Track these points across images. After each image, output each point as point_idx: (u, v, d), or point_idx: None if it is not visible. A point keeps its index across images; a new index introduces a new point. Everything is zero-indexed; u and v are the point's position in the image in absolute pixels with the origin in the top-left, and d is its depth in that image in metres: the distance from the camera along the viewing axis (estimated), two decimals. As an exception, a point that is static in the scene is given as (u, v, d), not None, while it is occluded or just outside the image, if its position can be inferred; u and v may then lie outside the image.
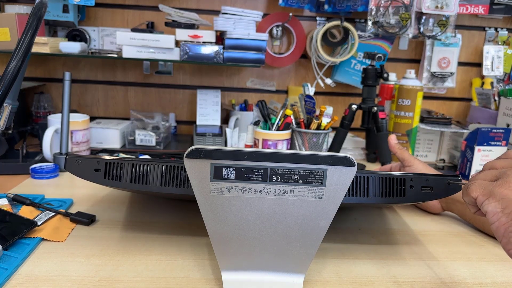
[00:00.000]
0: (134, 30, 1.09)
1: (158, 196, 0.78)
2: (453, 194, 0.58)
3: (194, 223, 0.70)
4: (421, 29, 1.21)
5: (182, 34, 1.07)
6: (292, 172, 0.46)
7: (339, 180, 0.46)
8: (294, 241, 0.49)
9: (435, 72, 1.32)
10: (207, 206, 0.47)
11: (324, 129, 1.00)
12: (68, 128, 0.92)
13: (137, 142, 1.14)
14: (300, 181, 0.46)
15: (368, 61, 1.11)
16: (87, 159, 0.55)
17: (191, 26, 1.07)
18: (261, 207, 0.47)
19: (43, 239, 0.61)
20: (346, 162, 0.45)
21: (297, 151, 0.46)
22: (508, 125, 1.06)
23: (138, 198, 0.80)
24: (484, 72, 1.33)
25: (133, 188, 0.55)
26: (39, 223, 0.64)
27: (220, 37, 1.13)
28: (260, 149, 0.46)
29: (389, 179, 0.57)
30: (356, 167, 0.45)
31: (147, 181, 0.55)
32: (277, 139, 1.00)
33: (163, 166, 0.55)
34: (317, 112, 1.00)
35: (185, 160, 0.45)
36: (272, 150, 0.46)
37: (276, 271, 0.52)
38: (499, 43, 1.34)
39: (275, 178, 0.46)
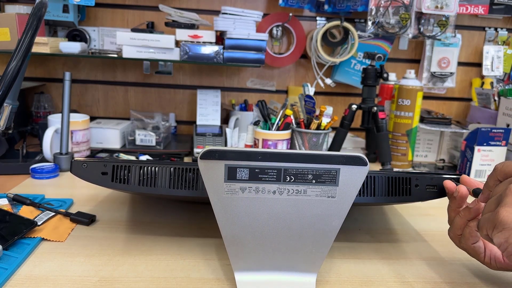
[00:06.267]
0: (134, 30, 1.09)
1: (166, 199, 0.78)
2: None
3: (195, 224, 0.70)
4: (421, 29, 1.21)
5: (182, 34, 1.07)
6: (306, 172, 0.46)
7: (352, 179, 0.47)
8: (307, 241, 0.50)
9: (435, 72, 1.32)
10: (220, 207, 0.48)
11: (324, 129, 1.01)
12: (68, 128, 0.92)
13: (137, 142, 1.14)
14: (313, 181, 0.47)
15: (368, 61, 1.11)
16: (94, 162, 0.55)
17: (191, 26, 1.07)
18: (274, 207, 0.48)
19: (43, 239, 0.61)
20: (359, 161, 0.46)
21: (311, 151, 0.46)
22: (508, 125, 1.06)
23: (139, 198, 0.80)
24: (484, 72, 1.33)
25: (141, 191, 0.55)
26: (39, 223, 0.64)
27: (220, 37, 1.13)
28: (274, 150, 0.47)
29: (395, 179, 0.58)
30: (368, 166, 0.46)
31: (155, 183, 0.55)
32: (277, 139, 1.00)
33: (172, 168, 0.55)
34: (317, 112, 1.00)
35: (199, 161, 0.45)
36: (285, 150, 0.46)
37: (289, 271, 0.52)
38: (499, 43, 1.34)
39: (288, 178, 0.47)
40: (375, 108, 1.05)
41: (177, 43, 1.09)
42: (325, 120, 1.01)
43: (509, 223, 0.41)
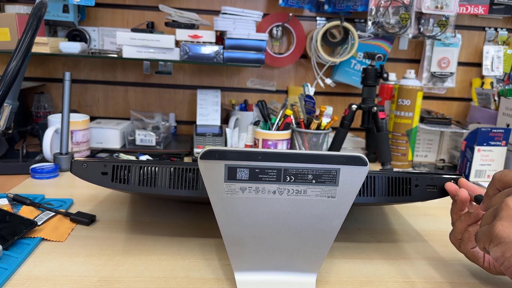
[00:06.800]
0: (134, 30, 1.09)
1: (166, 199, 0.78)
2: None
3: (195, 224, 0.70)
4: (421, 29, 1.21)
5: (182, 34, 1.07)
6: (306, 172, 0.46)
7: (352, 179, 0.47)
8: (307, 241, 0.50)
9: (435, 72, 1.32)
10: (220, 207, 0.48)
11: (324, 129, 1.00)
12: (68, 128, 0.92)
13: (137, 142, 1.14)
14: (313, 181, 0.47)
15: (368, 61, 1.11)
16: (94, 162, 0.55)
17: (191, 26, 1.07)
18: (274, 207, 0.48)
19: (43, 239, 0.61)
20: (359, 161, 0.46)
21: (311, 151, 0.46)
22: (508, 125, 1.06)
23: (139, 198, 0.80)
24: (484, 72, 1.33)
25: (141, 191, 0.55)
26: (39, 223, 0.64)
27: (220, 37, 1.13)
28: (274, 150, 0.47)
29: (395, 179, 0.58)
30: (368, 166, 0.46)
31: (155, 183, 0.55)
32: (277, 139, 1.00)
33: (172, 168, 0.55)
34: (317, 112, 1.00)
35: (199, 161, 0.45)
36: (286, 150, 0.46)
37: (289, 271, 0.52)
38: (499, 43, 1.34)
39: (288, 178, 0.47)
40: (375, 108, 1.05)
41: (177, 43, 1.09)
42: (325, 120, 1.01)
43: (505, 237, 0.41)
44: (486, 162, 1.00)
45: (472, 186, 0.56)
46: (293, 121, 1.03)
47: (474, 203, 0.55)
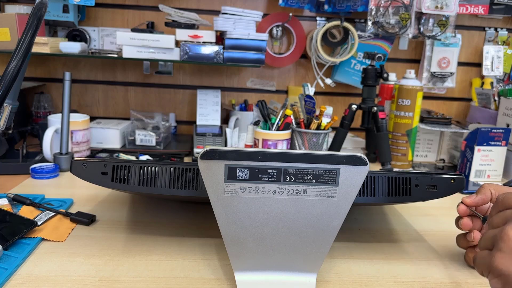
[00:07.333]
0: (134, 30, 1.09)
1: (166, 199, 0.78)
2: (456, 192, 0.60)
3: (195, 224, 0.70)
4: (421, 29, 1.21)
5: (182, 34, 1.07)
6: (306, 172, 0.46)
7: (352, 179, 0.47)
8: (307, 241, 0.50)
9: (435, 72, 1.32)
10: (220, 207, 0.48)
11: (324, 129, 1.00)
12: (68, 128, 0.92)
13: (137, 142, 1.14)
14: (313, 181, 0.47)
15: (368, 61, 1.10)
16: (94, 162, 0.55)
17: (191, 26, 1.07)
18: (274, 207, 0.48)
19: (43, 239, 0.61)
20: (359, 161, 0.46)
21: (311, 151, 0.46)
22: (508, 125, 1.06)
23: (139, 198, 0.80)
24: (484, 72, 1.33)
25: (141, 191, 0.55)
26: (39, 223, 0.64)
27: (220, 37, 1.13)
28: (274, 150, 0.47)
29: (395, 179, 0.58)
30: (368, 166, 0.46)
31: (155, 183, 0.55)
32: (277, 139, 1.00)
33: (172, 168, 0.55)
34: (317, 112, 1.00)
35: (199, 161, 0.45)
36: (286, 150, 0.46)
37: (289, 271, 0.52)
38: (499, 43, 1.34)
39: (288, 178, 0.47)
40: (375, 108, 1.05)
41: (177, 43, 1.09)
42: (325, 120, 1.01)
43: (504, 270, 0.41)
44: (486, 162, 1.00)
45: (481, 200, 0.56)
46: (293, 121, 1.03)
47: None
